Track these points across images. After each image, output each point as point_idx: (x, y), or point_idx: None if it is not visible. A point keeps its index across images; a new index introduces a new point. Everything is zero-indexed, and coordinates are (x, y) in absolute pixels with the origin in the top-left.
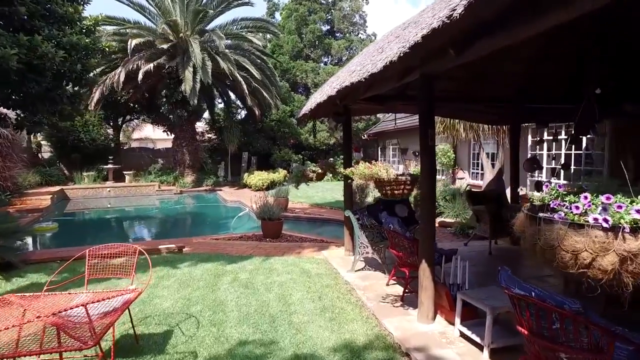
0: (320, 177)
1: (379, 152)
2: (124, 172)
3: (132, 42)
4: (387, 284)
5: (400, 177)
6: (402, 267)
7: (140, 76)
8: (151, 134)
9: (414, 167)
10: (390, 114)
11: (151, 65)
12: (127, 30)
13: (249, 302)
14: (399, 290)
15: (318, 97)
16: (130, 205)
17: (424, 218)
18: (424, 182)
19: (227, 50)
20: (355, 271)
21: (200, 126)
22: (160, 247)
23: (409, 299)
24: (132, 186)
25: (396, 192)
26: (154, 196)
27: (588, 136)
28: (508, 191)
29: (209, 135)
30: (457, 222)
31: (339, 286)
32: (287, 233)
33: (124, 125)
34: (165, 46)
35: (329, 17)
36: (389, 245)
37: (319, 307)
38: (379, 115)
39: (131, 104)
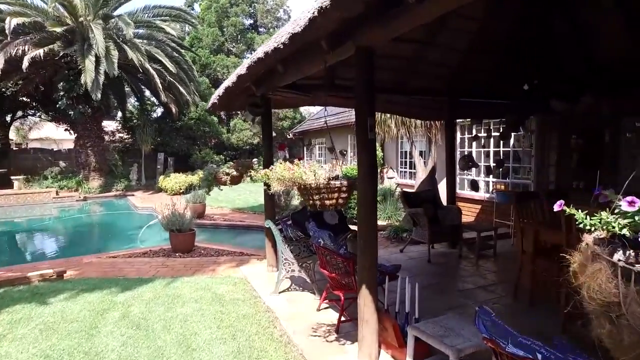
0: (236, 181)
1: (305, 152)
2: (12, 178)
3: (12, 22)
4: (319, 309)
5: (333, 182)
6: (336, 290)
7: (25, 63)
8: (53, 134)
9: (344, 167)
10: (316, 113)
11: (40, 51)
12: (6, 7)
13: (136, 353)
14: (332, 316)
15: (228, 81)
16: (17, 217)
17: (364, 231)
18: (363, 184)
19: (137, 40)
20: (280, 293)
21: (111, 125)
22: (30, 274)
23: (346, 330)
24: (22, 194)
25: (328, 202)
26: (50, 204)
27: (519, 133)
28: (443, 191)
29: (121, 135)
30: (389, 224)
31: (259, 316)
32: (201, 245)
33: (16, 123)
34: (58, 30)
35: (252, 10)
36: (319, 263)
37: (233, 351)
38: (305, 114)
39: (22, 98)
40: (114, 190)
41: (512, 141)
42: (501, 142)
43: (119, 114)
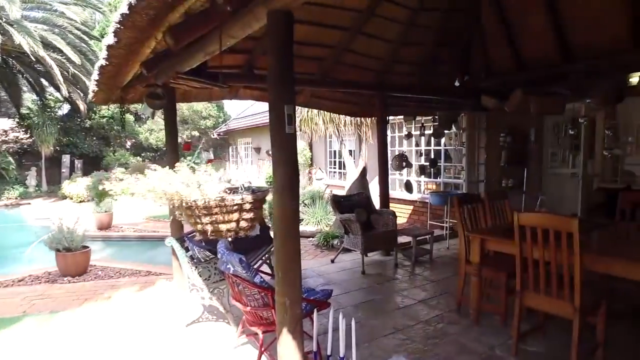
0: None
1: (231, 153)
2: None
3: None
4: (235, 346)
5: (230, 199)
6: (254, 326)
7: None
8: None
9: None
10: (243, 111)
11: None
12: None
13: None
14: (252, 355)
15: (101, 59)
16: None
17: (283, 258)
18: (280, 196)
19: (29, 23)
20: (188, 325)
21: (3, 123)
22: None
23: None
24: None
25: (224, 227)
26: None
27: (451, 131)
28: (375, 192)
29: (16, 134)
30: (319, 230)
31: None
32: (100, 264)
33: None
34: None
35: None
36: (232, 294)
37: None
38: (230, 113)
39: None
40: (4, 199)
41: (443, 140)
42: (433, 140)
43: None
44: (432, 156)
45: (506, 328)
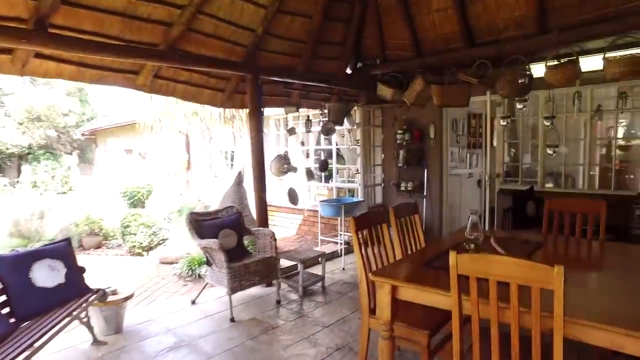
0: None
1: (99, 156)
2: None
3: None
4: None
5: None
6: None
7: None
8: None
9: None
10: (110, 109)
11: None
12: None
13: None
14: None
15: None
16: None
17: None
18: None
19: None
20: None
21: None
22: None
23: None
24: None
25: None
26: None
27: (344, 126)
28: (251, 205)
29: None
30: (186, 255)
31: None
32: None
33: None
34: None
35: None
36: None
37: None
38: (96, 109)
39: None
40: None
41: (335, 137)
42: (323, 137)
43: None
44: (322, 157)
45: None
